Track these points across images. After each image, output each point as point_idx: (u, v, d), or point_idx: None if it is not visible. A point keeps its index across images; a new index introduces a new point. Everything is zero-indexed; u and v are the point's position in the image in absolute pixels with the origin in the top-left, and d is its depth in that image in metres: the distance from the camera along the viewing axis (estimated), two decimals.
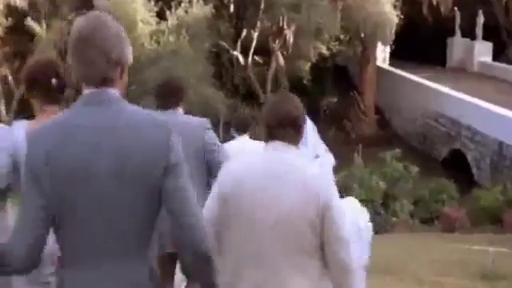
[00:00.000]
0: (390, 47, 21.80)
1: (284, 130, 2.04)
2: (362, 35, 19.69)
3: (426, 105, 18.10)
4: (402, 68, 20.68)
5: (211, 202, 2.03)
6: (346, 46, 20.78)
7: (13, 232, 1.55)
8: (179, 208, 1.52)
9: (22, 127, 2.17)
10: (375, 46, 20.41)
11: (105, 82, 1.56)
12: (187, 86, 15.00)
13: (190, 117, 3.03)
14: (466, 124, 15.66)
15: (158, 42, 16.86)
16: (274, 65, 20.23)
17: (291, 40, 19.66)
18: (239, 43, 20.04)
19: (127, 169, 1.52)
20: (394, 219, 10.13)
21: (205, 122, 2.95)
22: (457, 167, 14.82)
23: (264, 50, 20.76)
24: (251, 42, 19.65)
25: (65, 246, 1.58)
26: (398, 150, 11.16)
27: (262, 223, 1.94)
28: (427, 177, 11.81)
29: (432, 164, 15.99)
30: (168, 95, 3.04)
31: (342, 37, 20.26)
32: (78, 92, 1.55)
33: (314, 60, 20.60)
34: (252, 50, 19.97)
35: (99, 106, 1.56)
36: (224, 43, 19.94)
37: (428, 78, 18.83)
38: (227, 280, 1.92)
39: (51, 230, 1.57)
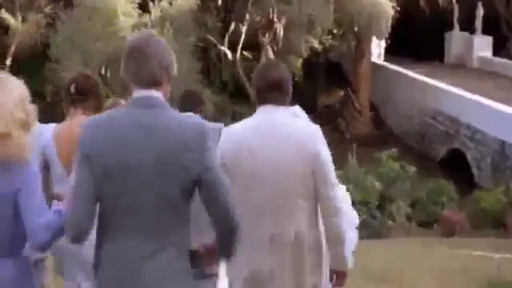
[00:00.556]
0: (386, 42, 21.73)
1: (272, 93, 2.50)
2: (356, 28, 19.59)
3: (423, 102, 18.04)
4: (398, 64, 20.62)
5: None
6: (339, 40, 20.69)
7: (71, 209, 1.96)
8: (215, 195, 1.97)
9: (49, 129, 2.78)
10: (370, 40, 20.32)
11: (154, 83, 1.98)
12: (172, 83, 15.16)
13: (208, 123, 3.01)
14: (465, 122, 15.60)
15: None
16: (263, 60, 19.95)
17: (281, 34, 19.52)
18: (227, 37, 19.87)
19: (165, 164, 1.93)
20: (391, 223, 10.06)
21: (221, 126, 3.11)
22: (456, 167, 14.77)
23: (253, 45, 20.62)
24: (240, 36, 19.49)
25: (106, 223, 1.99)
26: (394, 150, 11.08)
27: (262, 176, 2.39)
28: (425, 177, 11.77)
29: (430, 164, 15.94)
30: (191, 106, 3.50)
31: (335, 31, 20.15)
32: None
33: (305, 55, 20.47)
34: (240, 45, 19.81)
35: (146, 108, 1.97)
36: (211, 37, 19.73)
37: (425, 74, 18.77)
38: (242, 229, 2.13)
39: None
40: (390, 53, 21.79)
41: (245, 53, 21.69)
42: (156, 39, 2.10)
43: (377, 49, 21.77)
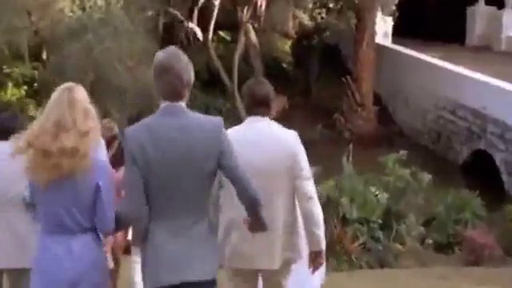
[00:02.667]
0: (393, 18, 21.53)
1: (259, 107, 3.96)
2: (357, 1, 19.26)
3: (440, 93, 17.85)
4: (409, 46, 20.42)
5: None
6: (336, 16, 20.45)
7: (128, 200, 3.27)
8: (235, 174, 3.28)
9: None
10: (374, 17, 19.90)
11: (178, 97, 3.28)
12: (120, 68, 14.91)
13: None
14: (492, 117, 15.22)
15: (83, 9, 15.94)
16: (242, 41, 19.42)
17: (263, 7, 18.94)
18: (196, 12, 19.37)
19: (194, 155, 3.22)
20: (399, 247, 9.40)
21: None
22: (482, 174, 14.43)
23: (230, 23, 20.22)
24: (212, 10, 19.02)
25: (151, 206, 3.26)
26: (403, 152, 10.53)
27: (252, 171, 3.48)
28: (443, 187, 11.25)
29: (449, 170, 15.78)
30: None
31: (330, 4, 19.97)
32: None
33: (294, 35, 20.43)
34: (213, 21, 19.28)
35: (174, 114, 3.26)
36: (176, 12, 19.07)
37: (443, 59, 18.62)
38: (235, 213, 3.70)
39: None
40: (400, 32, 21.63)
41: (220, 33, 21.34)
42: (178, 57, 3.28)
43: (383, 27, 21.54)
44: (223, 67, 19.57)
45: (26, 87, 16.07)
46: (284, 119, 20.00)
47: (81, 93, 3.41)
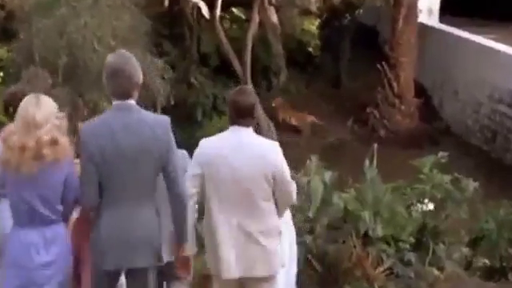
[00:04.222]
0: None
1: (243, 118, 4.74)
2: None
3: (497, 82, 17.59)
4: (460, 26, 20.27)
5: (193, 166, 4.80)
6: None
7: (82, 187, 4.25)
8: (171, 170, 4.31)
9: None
10: None
11: (128, 96, 4.26)
12: (101, 49, 14.16)
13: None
14: None
15: None
16: (255, 20, 18.94)
17: None
18: None
19: (145, 149, 4.19)
20: (436, 273, 8.79)
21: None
22: None
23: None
24: None
25: (104, 195, 4.25)
26: (443, 153, 9.85)
27: (232, 179, 4.66)
28: (494, 198, 10.53)
29: (505, 176, 15.47)
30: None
31: None
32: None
33: (318, 13, 20.33)
34: None
35: (125, 111, 4.25)
36: None
37: (501, 41, 18.43)
38: (215, 220, 4.78)
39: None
40: (448, 10, 21.37)
41: (234, 10, 21.14)
42: (128, 60, 4.30)
43: (427, 3, 21.29)
44: (237, 51, 19.21)
45: (1, 73, 15.64)
46: (311, 114, 19.17)
47: (48, 101, 4.42)
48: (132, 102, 4.25)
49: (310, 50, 22.13)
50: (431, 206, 9.41)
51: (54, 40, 12.46)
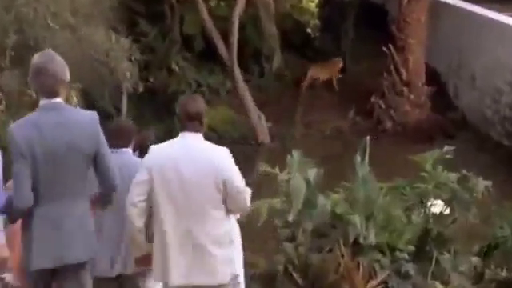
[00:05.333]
0: None
1: (192, 123, 5.31)
2: None
3: None
4: (477, 2, 20.17)
5: (141, 172, 5.24)
6: None
7: (14, 189, 4.68)
8: (104, 164, 4.96)
9: None
10: None
11: (55, 94, 4.80)
12: (56, 27, 13.83)
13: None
14: None
15: None
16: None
17: None
18: None
19: (75, 146, 4.76)
20: (440, 286, 8.65)
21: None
22: None
23: None
24: None
25: (36, 194, 4.69)
26: (448, 147, 9.54)
27: (181, 185, 5.17)
28: (509, 199, 10.26)
29: None
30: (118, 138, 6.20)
31: None
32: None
33: None
34: None
35: (54, 110, 4.80)
36: None
37: None
38: (164, 227, 5.24)
39: None
40: None
41: None
42: (52, 58, 4.85)
43: None
44: (224, 32, 18.97)
45: None
46: (307, 104, 19.26)
47: None
48: (59, 100, 4.80)
49: (309, 30, 21.99)
50: (439, 208, 9.17)
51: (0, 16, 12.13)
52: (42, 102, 4.79)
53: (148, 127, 13.53)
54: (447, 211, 9.27)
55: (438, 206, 9.27)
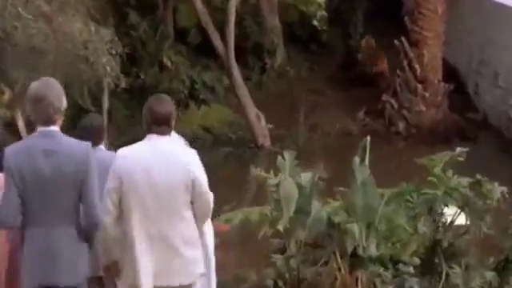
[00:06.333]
0: None
1: (158, 126, 5.62)
2: None
3: None
4: None
5: (112, 178, 5.66)
6: None
7: (2, 206, 5.26)
8: (89, 199, 5.38)
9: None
10: None
11: (52, 122, 5.32)
12: (29, 18, 13.70)
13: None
14: None
15: None
16: None
17: None
18: None
19: (65, 174, 5.31)
20: None
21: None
22: None
23: None
24: None
25: (28, 215, 5.29)
26: (460, 149, 9.44)
27: (153, 191, 5.58)
28: None
29: None
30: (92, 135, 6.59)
31: None
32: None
33: None
34: None
35: (47, 138, 5.33)
36: None
37: None
38: (133, 231, 5.66)
39: None
40: None
41: None
42: (51, 87, 5.30)
43: None
44: (222, 25, 18.95)
45: None
46: (313, 104, 19.43)
47: None
48: (55, 128, 5.28)
49: (315, 23, 21.91)
50: (449, 217, 9.08)
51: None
52: (39, 129, 5.29)
53: (137, 127, 13.48)
54: (459, 220, 9.25)
55: (448, 215, 9.35)
